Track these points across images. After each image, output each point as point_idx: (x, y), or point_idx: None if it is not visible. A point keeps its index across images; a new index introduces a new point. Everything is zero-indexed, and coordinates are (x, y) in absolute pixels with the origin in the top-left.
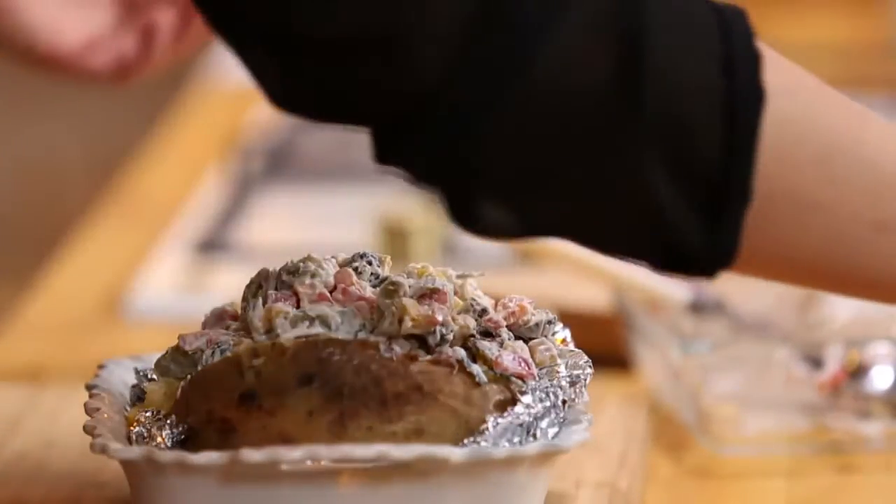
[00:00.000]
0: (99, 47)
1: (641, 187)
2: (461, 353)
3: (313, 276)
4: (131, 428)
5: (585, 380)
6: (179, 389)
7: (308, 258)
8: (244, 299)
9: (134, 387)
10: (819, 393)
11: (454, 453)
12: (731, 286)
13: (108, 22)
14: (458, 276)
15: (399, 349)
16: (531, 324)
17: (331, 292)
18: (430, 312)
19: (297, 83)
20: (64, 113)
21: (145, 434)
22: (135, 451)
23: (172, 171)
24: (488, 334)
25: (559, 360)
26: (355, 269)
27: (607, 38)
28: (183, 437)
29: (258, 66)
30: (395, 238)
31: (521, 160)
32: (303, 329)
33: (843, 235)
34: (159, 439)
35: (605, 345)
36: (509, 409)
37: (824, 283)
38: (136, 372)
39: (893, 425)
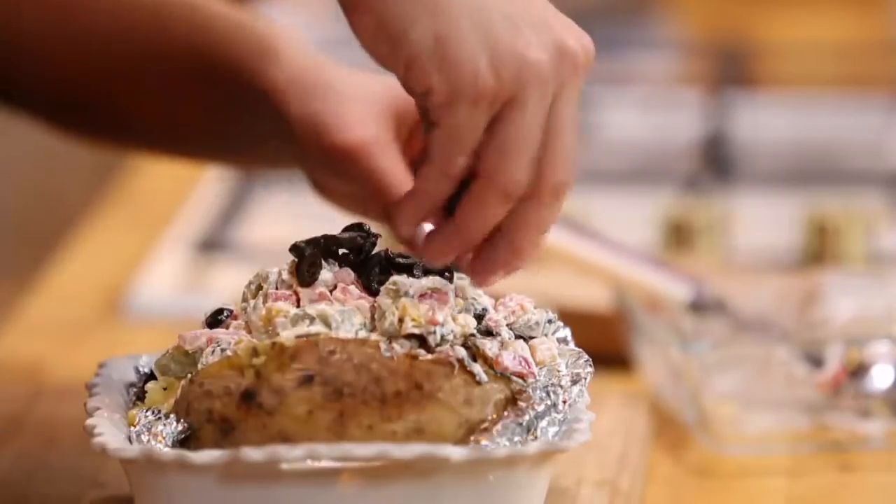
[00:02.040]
0: (385, 148)
1: None
2: (462, 352)
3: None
4: (131, 427)
5: (586, 379)
6: (180, 388)
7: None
8: (244, 299)
9: (134, 386)
10: (819, 392)
11: (454, 452)
12: (731, 286)
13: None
14: (460, 278)
15: (399, 348)
16: (531, 323)
17: (331, 291)
18: (430, 312)
19: None
20: None
21: (145, 433)
22: (135, 451)
23: (172, 170)
24: (489, 333)
25: (559, 360)
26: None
27: None
28: (183, 436)
29: None
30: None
31: None
32: (303, 328)
33: None
34: (159, 438)
35: (606, 344)
36: (510, 408)
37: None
38: (136, 371)
39: (893, 424)
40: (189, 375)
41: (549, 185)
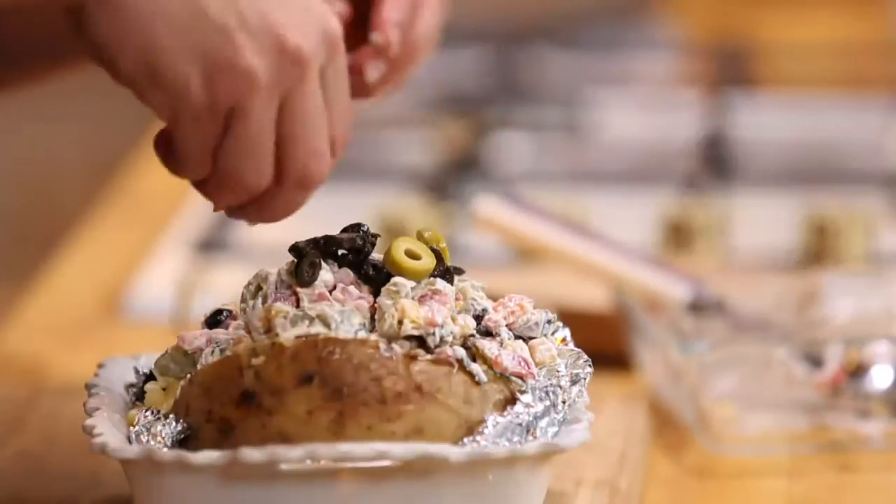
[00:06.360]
0: None
1: None
2: (461, 352)
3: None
4: (131, 427)
5: (585, 379)
6: (179, 389)
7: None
8: (243, 300)
9: (133, 386)
10: (819, 392)
11: (454, 452)
12: (731, 286)
13: None
14: (460, 280)
15: (399, 349)
16: (531, 323)
17: (330, 292)
18: (429, 314)
19: None
20: (64, 113)
21: (145, 433)
22: (134, 451)
23: None
24: (488, 334)
25: (559, 360)
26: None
27: None
28: (182, 436)
29: None
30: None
31: None
32: (302, 328)
33: None
34: (159, 439)
35: (605, 344)
36: (509, 408)
37: None
38: (136, 371)
39: (893, 424)
40: (188, 376)
41: (291, 179)
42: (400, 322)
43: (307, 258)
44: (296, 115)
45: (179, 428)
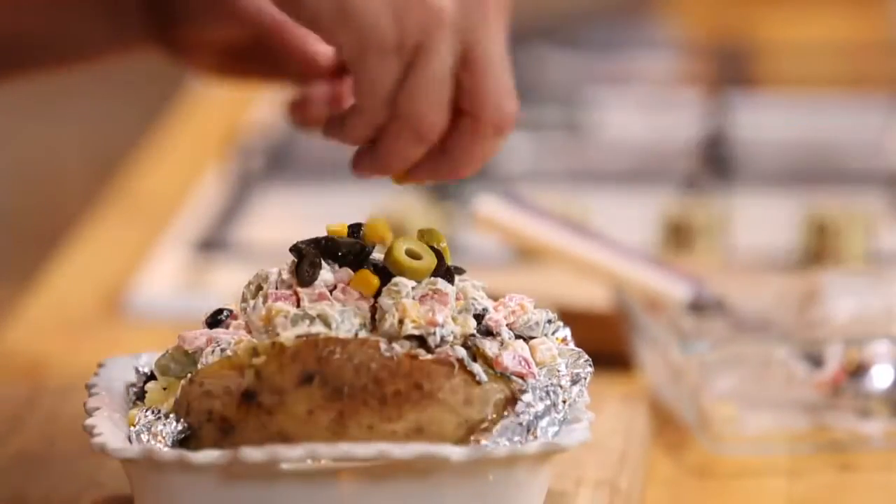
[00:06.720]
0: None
1: None
2: (461, 352)
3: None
4: (131, 427)
5: (586, 379)
6: (179, 388)
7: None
8: (244, 299)
9: (134, 386)
10: (819, 392)
11: (454, 452)
12: (731, 286)
13: None
14: (461, 280)
15: (399, 348)
16: (531, 323)
17: (331, 291)
18: (430, 314)
19: None
20: (64, 113)
21: (145, 433)
22: (134, 450)
23: (172, 170)
24: (489, 333)
25: (559, 360)
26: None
27: None
28: (183, 435)
29: None
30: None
31: None
32: (303, 328)
33: None
34: (159, 438)
35: (606, 344)
36: (509, 407)
37: None
38: (136, 371)
39: (893, 424)
40: (189, 375)
41: (488, 123)
42: (401, 322)
43: (307, 258)
44: (484, 58)
45: (180, 427)
